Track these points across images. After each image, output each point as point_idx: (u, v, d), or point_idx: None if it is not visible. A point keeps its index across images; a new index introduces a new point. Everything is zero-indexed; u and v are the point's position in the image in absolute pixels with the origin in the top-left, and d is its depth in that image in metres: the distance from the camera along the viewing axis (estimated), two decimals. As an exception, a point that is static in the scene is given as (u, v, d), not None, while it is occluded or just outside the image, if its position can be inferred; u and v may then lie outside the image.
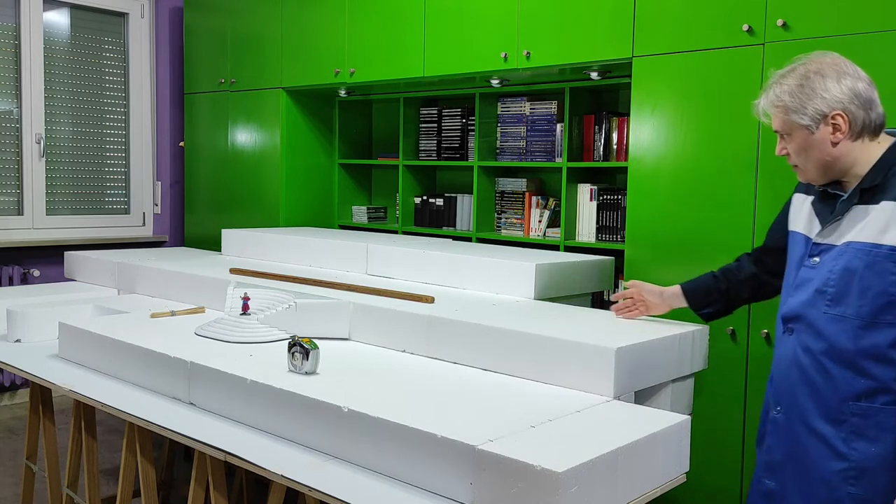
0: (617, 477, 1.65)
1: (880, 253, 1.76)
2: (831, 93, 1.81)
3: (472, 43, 3.73)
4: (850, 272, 1.79)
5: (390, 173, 4.91)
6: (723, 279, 2.25)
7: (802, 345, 1.87)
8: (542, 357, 2.16)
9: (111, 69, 5.45)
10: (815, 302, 1.85)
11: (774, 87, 1.90)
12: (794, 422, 1.89)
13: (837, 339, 1.81)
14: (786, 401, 1.91)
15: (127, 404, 2.25)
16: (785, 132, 1.89)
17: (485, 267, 2.95)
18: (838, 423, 1.81)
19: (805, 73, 1.86)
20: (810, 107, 1.82)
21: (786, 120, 1.86)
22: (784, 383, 1.92)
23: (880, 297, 1.76)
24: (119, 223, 5.50)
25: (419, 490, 1.70)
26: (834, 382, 1.82)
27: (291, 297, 2.68)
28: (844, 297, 1.80)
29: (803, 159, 1.88)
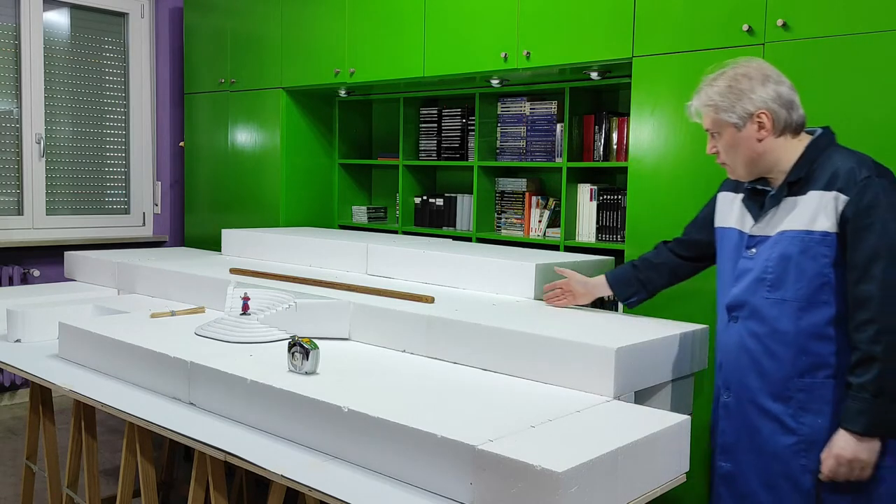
0: (617, 477, 1.65)
1: (813, 239, 1.93)
2: (757, 94, 1.98)
3: (472, 43, 3.73)
4: (786, 258, 1.96)
5: (390, 173, 4.91)
6: (642, 268, 2.44)
7: (748, 330, 2.03)
8: (542, 357, 2.16)
9: (111, 69, 5.45)
10: (756, 289, 2.01)
11: (706, 89, 2.05)
12: (745, 404, 2.04)
13: (779, 321, 1.97)
14: (735, 385, 2.06)
15: (127, 404, 2.25)
16: (715, 131, 2.05)
17: (485, 267, 2.95)
18: (785, 400, 1.97)
19: (734, 75, 2.02)
20: (738, 106, 1.99)
21: (716, 119, 2.03)
22: (732, 369, 2.07)
23: (815, 279, 1.93)
24: (119, 223, 5.50)
25: (419, 490, 1.70)
26: (779, 362, 1.97)
27: (291, 297, 2.68)
28: (783, 282, 1.96)
29: (732, 156, 2.04)
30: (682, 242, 2.40)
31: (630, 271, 2.46)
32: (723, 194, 2.23)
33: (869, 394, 1.84)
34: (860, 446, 1.86)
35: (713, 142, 2.08)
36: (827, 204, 1.91)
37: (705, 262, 2.38)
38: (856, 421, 1.85)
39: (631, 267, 2.46)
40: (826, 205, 1.92)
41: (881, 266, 1.84)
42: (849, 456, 1.87)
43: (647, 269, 2.43)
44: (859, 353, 1.86)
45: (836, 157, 1.96)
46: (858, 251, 1.87)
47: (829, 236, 1.91)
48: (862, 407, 1.84)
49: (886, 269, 1.84)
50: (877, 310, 1.84)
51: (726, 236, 2.15)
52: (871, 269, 1.85)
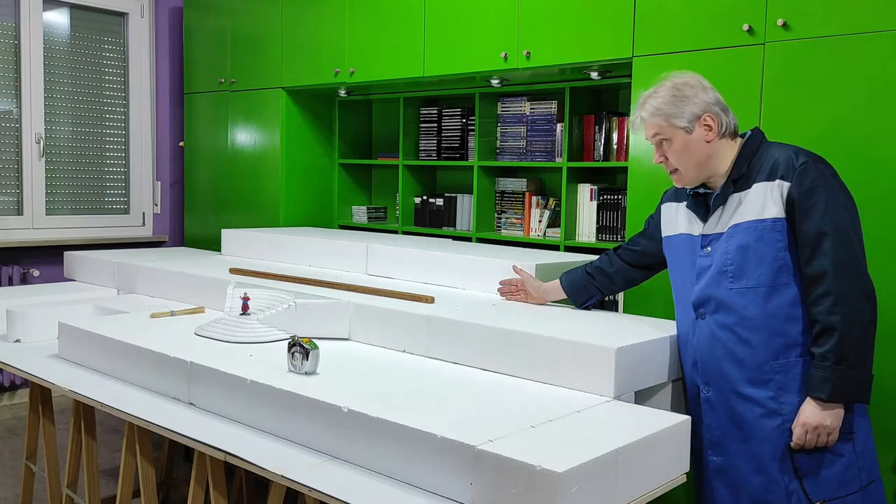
0: (617, 477, 1.65)
1: (765, 226, 2.03)
2: (700, 98, 2.11)
3: (472, 43, 3.73)
4: (743, 248, 2.05)
5: (390, 173, 4.91)
6: (597, 276, 2.52)
7: (717, 323, 2.10)
8: (543, 357, 2.16)
9: (111, 69, 5.45)
10: (720, 282, 2.09)
11: (650, 101, 2.15)
12: (726, 395, 2.10)
13: (747, 308, 2.05)
14: (714, 378, 2.12)
15: (127, 404, 2.25)
16: (665, 137, 2.14)
17: (485, 267, 2.95)
18: (764, 383, 2.04)
19: (675, 85, 2.14)
20: (686, 111, 2.10)
21: (666, 126, 2.13)
22: (708, 363, 2.13)
23: (774, 263, 2.02)
24: (119, 223, 5.50)
25: (419, 490, 1.70)
26: (752, 348, 2.05)
27: (291, 297, 2.68)
28: (744, 270, 2.05)
29: (684, 160, 2.13)
30: (633, 252, 2.48)
31: (585, 279, 2.54)
32: (665, 205, 2.34)
33: (830, 362, 1.93)
34: (825, 413, 1.97)
35: (660, 151, 2.17)
36: (772, 192, 2.03)
37: (657, 269, 2.47)
38: (820, 388, 1.95)
39: (585, 274, 2.54)
40: (771, 193, 2.03)
41: (829, 243, 1.95)
42: (815, 423, 1.97)
43: (601, 276, 2.51)
44: (819, 325, 1.96)
45: (772, 150, 2.09)
46: (806, 231, 1.98)
47: (779, 222, 2.02)
48: (825, 374, 1.94)
49: (835, 246, 1.95)
50: (830, 283, 1.94)
51: (676, 243, 2.26)
52: (821, 246, 1.96)
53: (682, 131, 2.12)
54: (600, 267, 2.52)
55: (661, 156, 2.19)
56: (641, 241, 2.46)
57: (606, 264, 2.51)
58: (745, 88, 2.88)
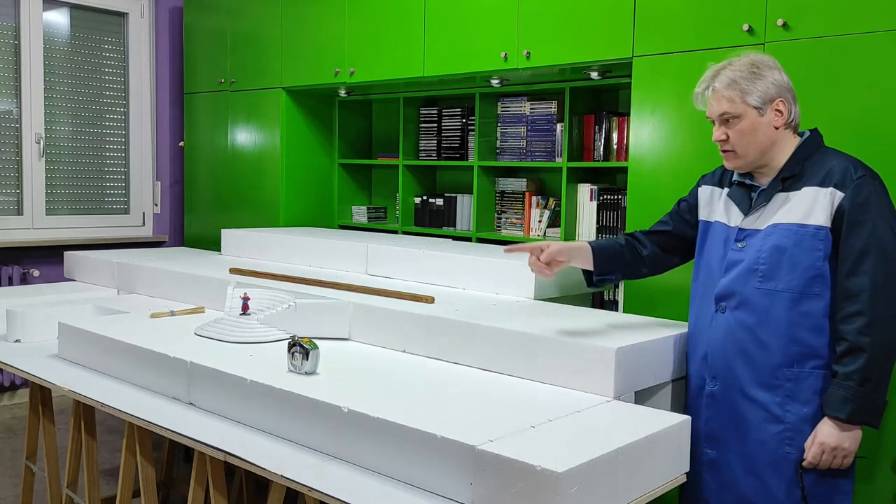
0: (617, 477, 1.65)
1: (807, 232, 1.97)
2: (777, 81, 2.02)
3: (472, 43, 3.73)
4: (779, 250, 1.99)
5: (390, 173, 4.90)
6: (628, 250, 2.33)
7: (737, 320, 2.05)
8: (542, 357, 2.16)
9: (111, 69, 5.45)
10: (748, 279, 2.03)
11: (726, 72, 2.04)
12: (732, 392, 2.07)
13: (771, 311, 2.00)
14: (722, 374, 2.09)
15: (127, 404, 2.25)
16: (734, 115, 2.02)
17: (485, 267, 2.95)
18: (773, 388, 2.01)
19: (752, 62, 2.04)
20: (762, 90, 2.00)
21: (739, 102, 2.01)
22: (719, 358, 2.09)
23: (808, 271, 1.96)
24: (119, 223, 5.50)
25: (419, 490, 1.70)
26: (768, 352, 2.00)
27: (291, 297, 2.68)
28: (775, 272, 1.99)
29: (746, 142, 2.03)
30: (665, 236, 2.33)
31: (619, 249, 2.33)
32: (703, 188, 2.26)
33: (854, 383, 1.89)
34: (844, 434, 1.93)
35: (723, 128, 2.06)
36: (823, 199, 1.96)
37: (683, 258, 2.35)
38: (841, 408, 1.90)
39: (619, 245, 2.34)
40: (822, 200, 1.96)
41: (871, 262, 1.90)
42: (833, 443, 1.93)
43: (632, 255, 2.33)
44: (847, 344, 1.91)
45: (830, 157, 2.02)
46: (850, 245, 1.92)
47: (823, 230, 1.96)
48: (847, 395, 1.89)
49: (877, 267, 1.90)
50: (866, 303, 1.89)
51: (712, 230, 2.18)
52: (862, 264, 1.91)
53: (755, 111, 2.01)
54: (631, 242, 2.34)
55: (722, 133, 2.06)
56: (673, 223, 2.33)
57: (637, 242, 2.34)
58: (745, 88, 2.88)
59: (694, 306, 2.22)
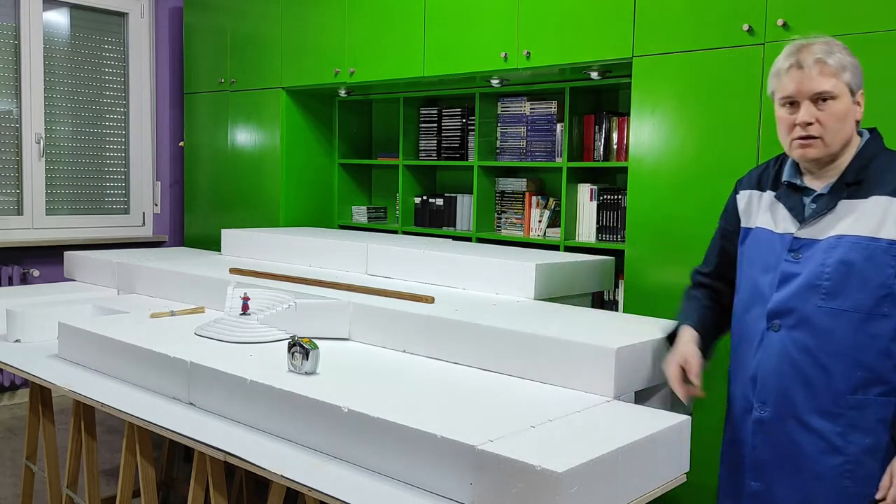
0: (617, 477, 1.65)
1: (879, 246, 1.77)
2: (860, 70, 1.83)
3: (472, 43, 3.73)
4: (847, 265, 1.79)
5: (390, 173, 4.91)
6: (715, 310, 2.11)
7: (795, 341, 1.85)
8: (542, 357, 2.16)
9: (111, 69, 5.45)
10: (808, 296, 1.83)
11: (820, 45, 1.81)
12: (786, 419, 1.86)
13: (835, 332, 1.80)
14: (774, 399, 1.88)
15: (127, 404, 2.25)
16: (832, 95, 1.80)
17: (485, 267, 2.95)
18: (834, 417, 1.81)
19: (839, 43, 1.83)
20: (855, 74, 1.82)
21: (843, 86, 1.80)
22: (772, 381, 1.88)
23: (879, 290, 1.76)
24: (119, 223, 5.50)
25: (419, 490, 1.70)
26: (830, 377, 1.80)
27: (291, 297, 2.68)
28: (841, 290, 1.79)
29: (836, 129, 1.81)
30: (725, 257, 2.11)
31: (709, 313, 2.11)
32: (743, 193, 2.05)
33: None
34: None
35: (814, 109, 1.81)
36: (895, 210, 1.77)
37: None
38: None
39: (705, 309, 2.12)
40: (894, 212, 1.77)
41: None
42: None
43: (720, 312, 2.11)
44: None
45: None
46: None
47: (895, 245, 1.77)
48: None
49: None
50: None
51: (752, 237, 1.99)
52: None
53: (850, 96, 1.81)
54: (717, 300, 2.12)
55: (812, 116, 1.81)
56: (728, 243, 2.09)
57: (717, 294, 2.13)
58: (745, 88, 2.88)
59: (737, 320, 2.02)
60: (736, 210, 2.06)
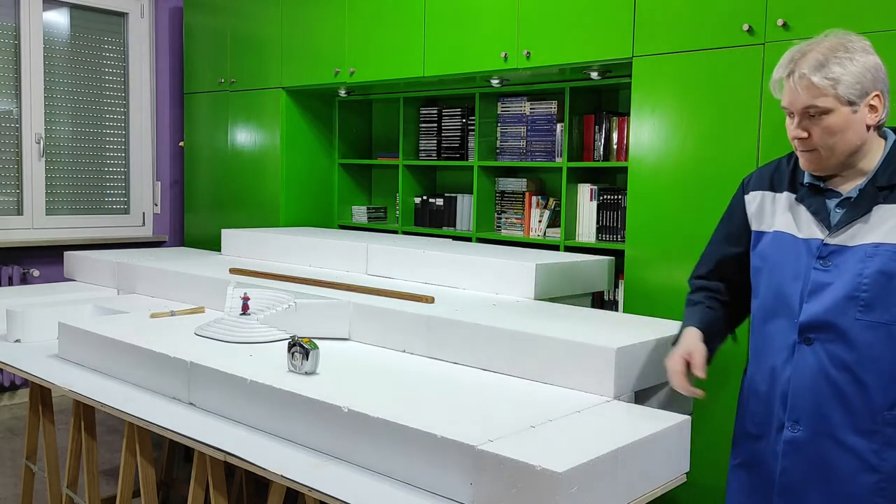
0: (617, 477, 1.65)
1: None
2: (874, 68, 1.70)
3: (472, 43, 3.73)
4: (886, 276, 1.69)
5: (390, 173, 4.90)
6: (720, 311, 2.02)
7: (831, 356, 1.75)
8: (542, 357, 2.16)
9: (111, 69, 5.45)
10: (846, 309, 1.72)
11: (813, 55, 1.70)
12: (821, 439, 1.77)
13: (873, 347, 1.71)
14: (808, 417, 1.78)
15: (127, 404, 2.25)
16: (822, 109, 1.70)
17: (485, 267, 2.95)
18: (871, 434, 1.73)
19: (844, 44, 1.70)
20: (859, 81, 1.69)
21: (832, 95, 1.69)
22: (807, 399, 1.78)
23: None
24: (119, 223, 5.50)
25: (419, 490, 1.70)
26: (868, 393, 1.72)
27: (291, 297, 2.68)
28: (881, 302, 1.70)
29: (834, 142, 1.72)
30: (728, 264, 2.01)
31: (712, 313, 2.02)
32: (754, 194, 1.94)
33: None
34: None
35: (806, 123, 1.73)
36: None
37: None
38: None
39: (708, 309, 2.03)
40: None
41: None
42: None
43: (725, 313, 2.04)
44: None
45: None
46: None
47: None
48: None
49: None
50: None
51: (773, 242, 1.87)
52: None
53: (848, 106, 1.69)
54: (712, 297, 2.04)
55: (804, 130, 1.73)
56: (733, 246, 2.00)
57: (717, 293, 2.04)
58: (745, 88, 2.88)
59: (757, 330, 1.91)
60: (744, 212, 1.96)
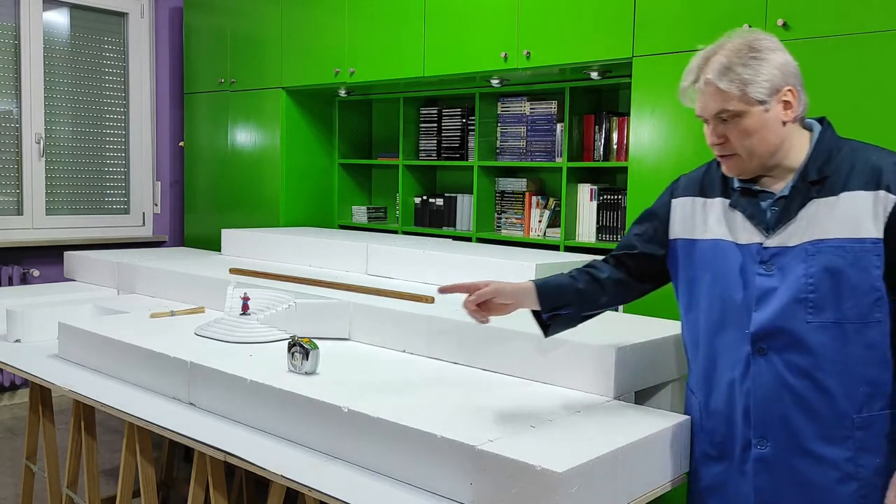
0: (617, 477, 1.65)
1: (863, 248, 1.60)
2: (783, 64, 1.63)
3: (472, 43, 3.73)
4: (833, 273, 1.62)
5: (390, 173, 4.90)
6: (583, 279, 1.92)
7: (788, 364, 1.66)
8: (542, 357, 2.16)
9: (111, 69, 5.45)
10: (794, 312, 1.65)
11: (718, 59, 1.64)
12: (790, 453, 1.69)
13: (829, 348, 1.63)
14: (775, 432, 1.69)
15: (127, 404, 2.25)
16: (733, 113, 1.64)
17: (485, 267, 2.95)
18: (843, 441, 1.65)
19: (749, 44, 1.64)
20: (767, 79, 1.62)
21: (740, 96, 1.62)
22: (769, 413, 1.69)
23: (869, 295, 1.62)
24: (119, 223, 5.50)
25: (419, 490, 1.70)
26: (832, 398, 1.64)
27: (291, 297, 2.68)
28: (830, 301, 1.63)
29: (751, 144, 1.65)
30: (634, 255, 1.93)
31: (566, 280, 1.92)
32: (683, 200, 1.86)
33: None
34: None
35: (720, 128, 1.68)
36: (873, 205, 1.61)
37: (655, 283, 1.96)
38: None
39: (567, 276, 1.94)
40: (871, 206, 1.61)
41: None
42: None
43: (587, 281, 1.92)
44: None
45: (865, 152, 1.67)
46: None
47: (878, 243, 1.60)
48: None
49: None
50: None
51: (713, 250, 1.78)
52: None
53: (760, 106, 1.62)
54: (584, 269, 1.95)
55: (720, 136, 1.68)
56: (641, 243, 1.92)
57: (593, 268, 1.95)
58: (745, 88, 2.88)
59: (706, 346, 1.80)
60: (667, 216, 1.87)
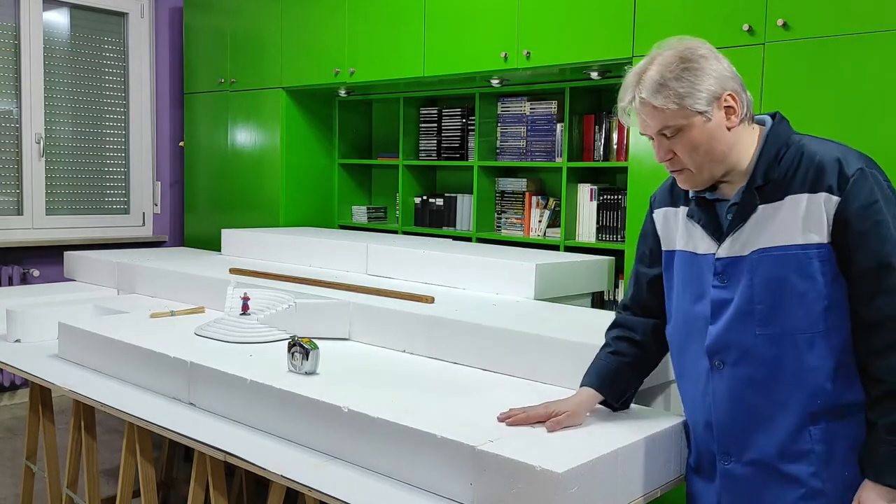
0: (617, 477, 1.65)
1: (807, 255, 1.54)
2: (717, 71, 1.58)
3: (472, 43, 3.73)
4: (776, 282, 1.56)
5: (390, 173, 4.90)
6: (626, 352, 1.84)
7: (741, 378, 1.62)
8: (542, 357, 2.16)
9: (111, 69, 5.45)
10: (744, 325, 1.60)
11: (650, 75, 1.58)
12: (754, 470, 1.63)
13: (781, 360, 1.57)
14: (737, 449, 1.65)
15: (127, 404, 2.25)
16: (675, 128, 1.59)
17: (485, 267, 2.95)
18: (803, 456, 1.58)
19: (680, 55, 1.58)
20: (703, 88, 1.56)
21: (677, 111, 1.57)
22: (730, 428, 1.65)
23: (817, 303, 1.54)
24: (119, 223, 5.50)
25: (419, 490, 1.70)
26: (789, 411, 1.58)
27: (291, 297, 2.68)
28: (777, 312, 1.57)
29: (700, 156, 1.60)
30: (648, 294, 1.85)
31: (615, 363, 1.84)
32: (658, 212, 1.83)
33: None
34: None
35: (665, 145, 1.63)
36: (816, 208, 1.53)
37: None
38: (888, 472, 1.50)
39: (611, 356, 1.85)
40: (815, 210, 1.53)
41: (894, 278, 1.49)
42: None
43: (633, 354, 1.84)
44: (884, 386, 1.51)
45: (811, 149, 1.58)
46: (862, 263, 1.51)
47: (824, 248, 1.53)
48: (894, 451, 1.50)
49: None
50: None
51: (680, 262, 1.74)
52: (882, 283, 1.50)
53: (700, 117, 1.57)
54: (624, 337, 1.85)
55: (667, 151, 1.64)
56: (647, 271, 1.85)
57: (631, 331, 1.85)
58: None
59: (676, 360, 1.79)
60: (655, 230, 1.83)
